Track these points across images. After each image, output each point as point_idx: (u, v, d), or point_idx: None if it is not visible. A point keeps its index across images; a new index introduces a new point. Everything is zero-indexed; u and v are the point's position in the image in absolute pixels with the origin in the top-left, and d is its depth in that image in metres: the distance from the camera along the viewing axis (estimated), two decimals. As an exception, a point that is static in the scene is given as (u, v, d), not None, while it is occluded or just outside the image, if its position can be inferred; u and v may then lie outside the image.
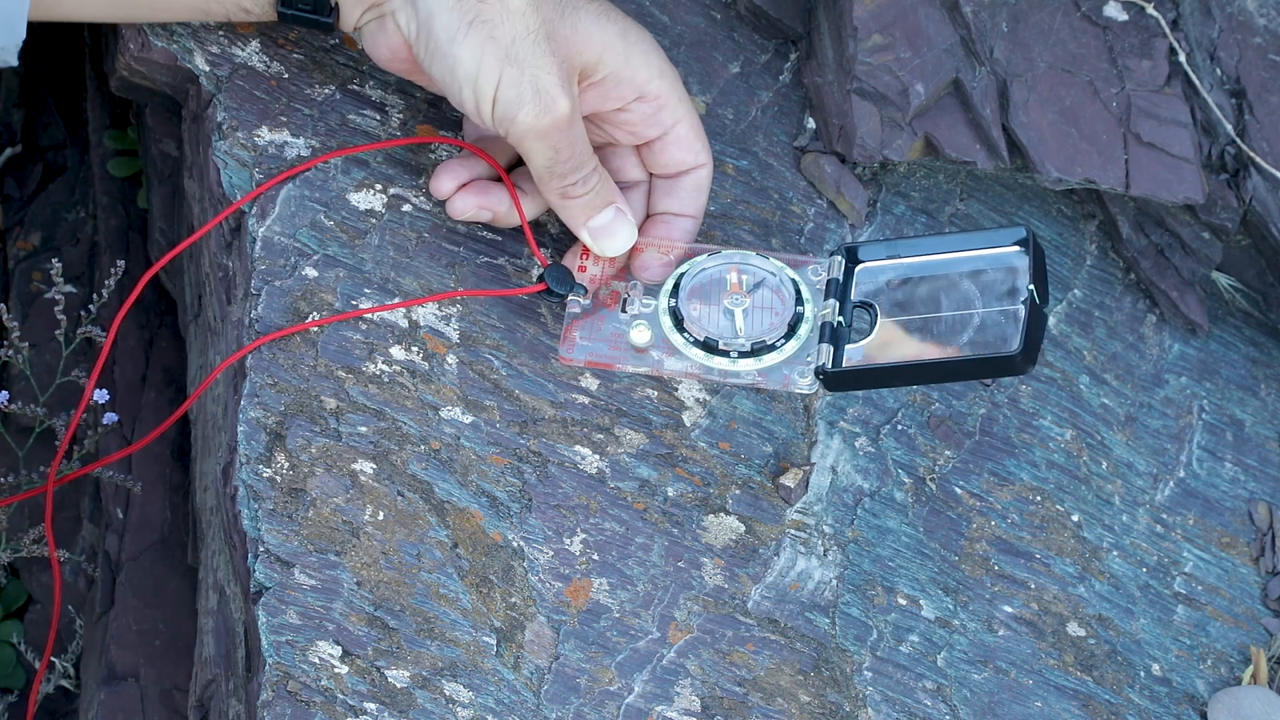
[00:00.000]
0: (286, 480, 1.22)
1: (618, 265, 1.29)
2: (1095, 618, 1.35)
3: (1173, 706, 1.34)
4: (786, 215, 1.39)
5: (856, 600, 1.30)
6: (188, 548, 1.47)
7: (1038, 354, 1.19)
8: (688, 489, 1.29)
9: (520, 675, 1.22)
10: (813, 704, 1.26)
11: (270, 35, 1.34)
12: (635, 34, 1.26)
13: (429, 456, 1.25)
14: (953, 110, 1.41)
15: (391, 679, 1.19)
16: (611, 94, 1.26)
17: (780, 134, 1.42)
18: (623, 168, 1.31)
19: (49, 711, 1.52)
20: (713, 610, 1.27)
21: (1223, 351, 1.49)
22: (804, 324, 1.23)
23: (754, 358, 1.23)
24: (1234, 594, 1.40)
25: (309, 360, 1.26)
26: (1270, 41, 1.47)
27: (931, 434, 1.36)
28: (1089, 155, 1.41)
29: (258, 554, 1.20)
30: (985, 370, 1.21)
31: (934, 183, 1.45)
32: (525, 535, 1.25)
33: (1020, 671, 1.31)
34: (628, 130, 1.29)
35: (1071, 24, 1.44)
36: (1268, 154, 1.44)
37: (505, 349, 1.29)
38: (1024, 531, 1.35)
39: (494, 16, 1.21)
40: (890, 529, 1.32)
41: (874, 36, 1.39)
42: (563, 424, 1.28)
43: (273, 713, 1.17)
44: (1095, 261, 1.48)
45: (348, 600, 1.20)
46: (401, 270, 1.29)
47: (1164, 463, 1.43)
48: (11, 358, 1.50)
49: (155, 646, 1.45)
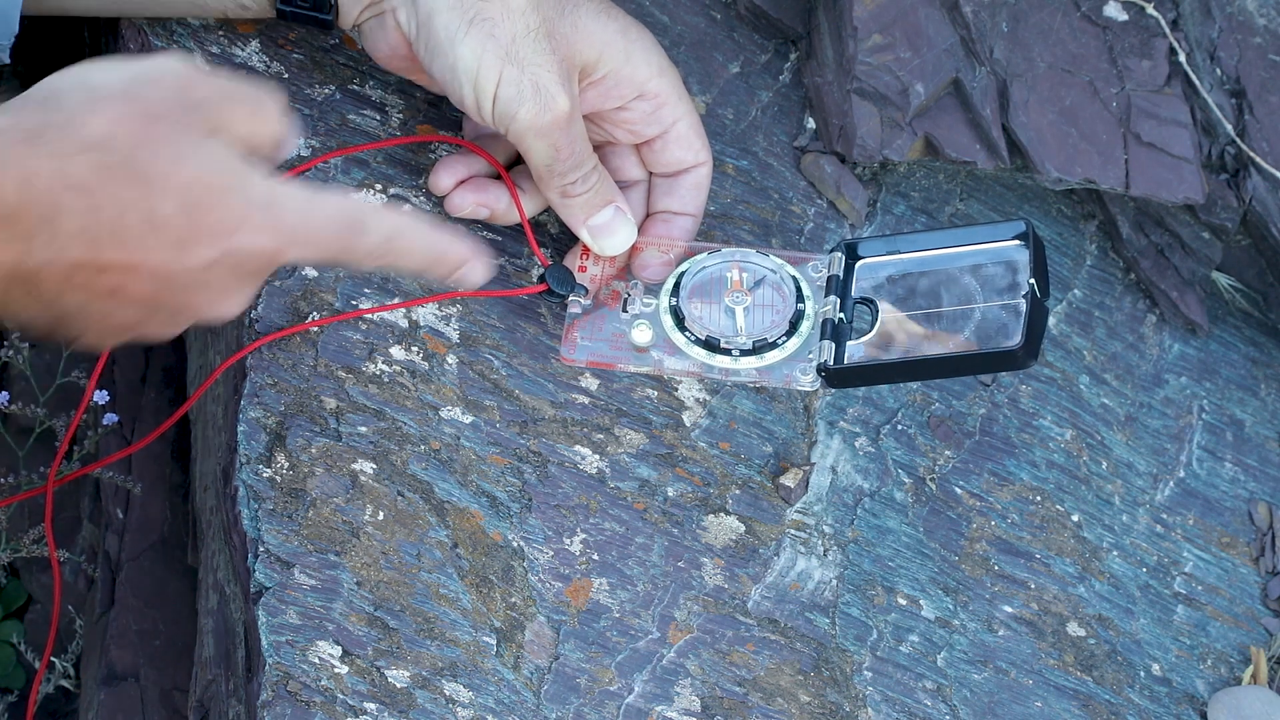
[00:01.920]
0: (286, 480, 1.22)
1: (618, 265, 1.29)
2: (1095, 618, 1.35)
3: (1173, 706, 1.34)
4: (786, 215, 1.39)
5: (856, 600, 1.30)
6: (188, 548, 1.47)
7: (1039, 348, 1.19)
8: (688, 489, 1.29)
9: (520, 675, 1.21)
10: (813, 704, 1.26)
11: (270, 35, 1.34)
12: (635, 32, 1.26)
13: (429, 456, 1.25)
14: (953, 110, 1.41)
15: (391, 679, 1.19)
16: (611, 92, 1.26)
17: (780, 134, 1.42)
18: (622, 166, 1.31)
19: (49, 711, 1.52)
20: (713, 610, 1.26)
21: (1223, 351, 1.49)
22: (805, 321, 1.23)
23: (755, 355, 1.23)
24: (1234, 594, 1.40)
25: (309, 360, 1.26)
26: (1270, 41, 1.47)
27: (931, 434, 1.36)
28: (1089, 155, 1.41)
29: (258, 554, 1.20)
30: (987, 365, 1.21)
31: (934, 183, 1.45)
32: (525, 535, 1.25)
33: (1020, 671, 1.31)
34: (627, 129, 1.29)
35: (1071, 24, 1.44)
36: (1268, 154, 1.44)
37: (505, 349, 1.29)
38: (1024, 531, 1.35)
39: (494, 14, 1.21)
40: (890, 529, 1.32)
41: (874, 36, 1.39)
42: (563, 424, 1.28)
43: (273, 713, 1.17)
44: (1095, 261, 1.48)
45: (348, 600, 1.20)
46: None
47: (1164, 463, 1.43)
48: (11, 358, 1.50)
49: (155, 646, 1.45)
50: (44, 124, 1.01)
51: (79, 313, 1.04)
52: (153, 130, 1.02)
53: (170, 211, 1.02)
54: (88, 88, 1.03)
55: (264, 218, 1.04)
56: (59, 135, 1.01)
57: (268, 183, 1.05)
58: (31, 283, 1.02)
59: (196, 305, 1.06)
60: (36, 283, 1.02)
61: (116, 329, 1.06)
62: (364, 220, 1.08)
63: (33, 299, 1.03)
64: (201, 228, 1.03)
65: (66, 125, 1.01)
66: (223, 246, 1.04)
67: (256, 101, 1.07)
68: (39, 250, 1.01)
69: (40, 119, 1.01)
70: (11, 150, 1.00)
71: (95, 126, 1.01)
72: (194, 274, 1.04)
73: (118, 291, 1.04)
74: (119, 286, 1.03)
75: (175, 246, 1.03)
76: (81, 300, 1.03)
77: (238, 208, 1.04)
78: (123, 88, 1.03)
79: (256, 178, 1.05)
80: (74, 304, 1.03)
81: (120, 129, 1.02)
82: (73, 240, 1.01)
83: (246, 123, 1.06)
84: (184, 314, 1.07)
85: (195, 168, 1.03)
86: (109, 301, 1.04)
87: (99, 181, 1.01)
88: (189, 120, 1.04)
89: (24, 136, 1.00)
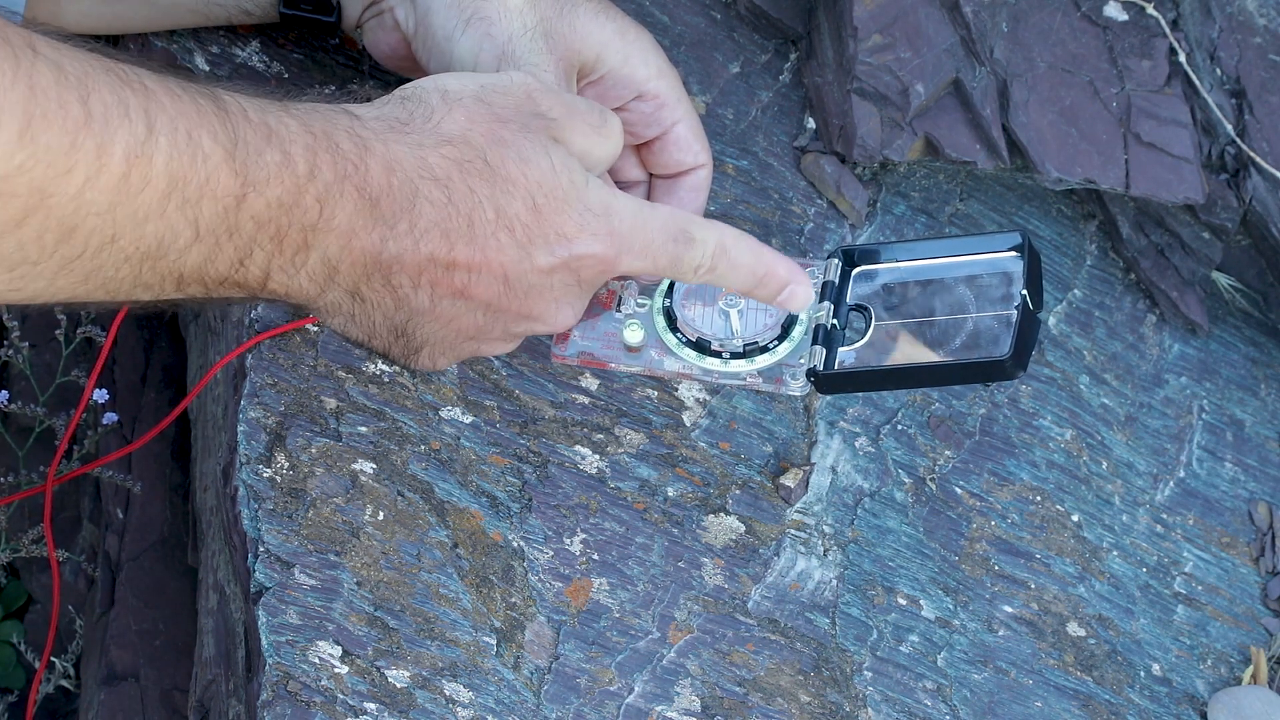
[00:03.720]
0: (286, 480, 1.22)
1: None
2: (1095, 618, 1.35)
3: (1173, 706, 1.34)
4: (786, 215, 1.39)
5: (856, 600, 1.30)
6: (188, 548, 1.47)
7: (1029, 359, 1.20)
8: (688, 489, 1.29)
9: (520, 675, 1.22)
10: (813, 704, 1.26)
11: (270, 35, 1.34)
12: (634, 33, 1.26)
13: (429, 456, 1.25)
14: (953, 110, 1.41)
15: (391, 679, 1.19)
16: (610, 93, 1.26)
17: (780, 134, 1.42)
18: (622, 167, 1.31)
19: (49, 711, 1.53)
20: (713, 610, 1.27)
21: (1223, 351, 1.49)
22: (798, 326, 1.23)
23: (746, 359, 1.23)
24: (1234, 594, 1.40)
25: (309, 360, 1.26)
26: (1270, 41, 1.47)
27: (931, 434, 1.36)
28: (1089, 155, 1.41)
29: (258, 554, 1.20)
30: (976, 375, 1.21)
31: (934, 183, 1.45)
32: (525, 535, 1.25)
33: (1020, 671, 1.31)
34: (627, 130, 1.29)
35: (1071, 24, 1.44)
36: (1268, 154, 1.44)
37: (505, 349, 1.29)
38: (1024, 531, 1.35)
39: (491, 14, 1.21)
40: (890, 529, 1.32)
41: (874, 36, 1.39)
42: (563, 424, 1.28)
43: (273, 713, 1.17)
44: (1095, 261, 1.48)
45: (348, 600, 1.20)
46: (401, 270, 1.29)
47: (1164, 463, 1.43)
48: (11, 358, 1.50)
49: (155, 646, 1.45)
50: (408, 117, 1.08)
51: (426, 313, 1.09)
52: (503, 132, 1.08)
53: (518, 211, 1.08)
54: (444, 90, 1.10)
55: (602, 225, 1.10)
56: (421, 128, 1.07)
57: (605, 191, 1.11)
58: (388, 273, 1.07)
59: (535, 312, 1.11)
60: (392, 274, 1.07)
61: (457, 337, 1.12)
62: (692, 232, 1.13)
63: (387, 291, 1.08)
64: (547, 229, 1.09)
65: (427, 121, 1.08)
66: (565, 252, 1.09)
67: (599, 116, 1.13)
68: (399, 238, 1.06)
69: (405, 113, 1.08)
70: (380, 139, 1.06)
71: (453, 124, 1.08)
72: (537, 277, 1.10)
73: (465, 291, 1.09)
74: (466, 286, 1.09)
75: (521, 246, 1.08)
76: (430, 298, 1.09)
77: (579, 213, 1.09)
78: (475, 91, 1.10)
79: (595, 186, 1.11)
80: (423, 302, 1.09)
81: (475, 128, 1.08)
82: (429, 231, 1.07)
83: (586, 136, 1.12)
84: (523, 322, 1.12)
85: (541, 171, 1.08)
86: (456, 302, 1.09)
87: (457, 175, 1.07)
88: (535, 125, 1.10)
89: (391, 126, 1.07)
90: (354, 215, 1.05)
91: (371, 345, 1.13)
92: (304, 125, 1.04)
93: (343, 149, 1.05)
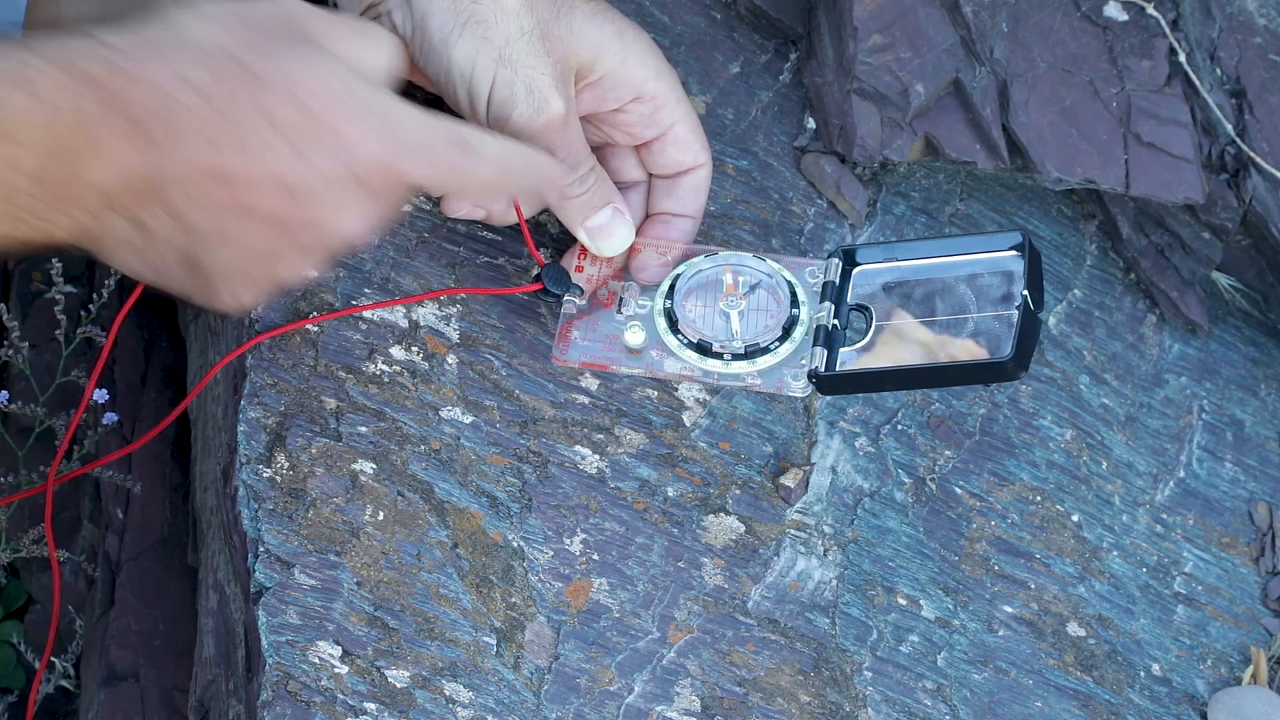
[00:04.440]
0: (286, 480, 1.22)
1: (616, 265, 1.29)
2: (1095, 618, 1.35)
3: (1173, 706, 1.34)
4: (786, 215, 1.39)
5: (856, 600, 1.30)
6: (188, 548, 1.47)
7: (1030, 360, 1.20)
8: (688, 489, 1.29)
9: (520, 675, 1.22)
10: (813, 704, 1.26)
11: (270, 35, 1.34)
12: (632, 34, 1.26)
13: (429, 456, 1.25)
14: (953, 110, 1.41)
15: (391, 679, 1.19)
16: (608, 95, 1.26)
17: (780, 134, 1.42)
18: (622, 168, 1.31)
19: (49, 711, 1.52)
20: (713, 610, 1.27)
21: (1223, 351, 1.49)
22: (799, 327, 1.23)
23: (747, 360, 1.23)
24: (1234, 594, 1.40)
25: (309, 360, 1.26)
26: (1270, 41, 1.47)
27: (931, 434, 1.36)
28: (1089, 155, 1.41)
29: (258, 554, 1.20)
30: (977, 376, 1.21)
31: (934, 183, 1.45)
32: (525, 535, 1.25)
33: (1020, 671, 1.31)
34: (625, 131, 1.29)
35: (1071, 24, 1.44)
36: (1268, 154, 1.44)
37: (505, 349, 1.29)
38: (1024, 531, 1.35)
39: (488, 17, 1.21)
40: (890, 529, 1.32)
41: (874, 36, 1.39)
42: (563, 424, 1.28)
43: (273, 713, 1.17)
44: (1095, 261, 1.48)
45: (348, 600, 1.20)
46: (401, 270, 1.29)
47: (1164, 463, 1.43)
48: (11, 358, 1.50)
49: (155, 646, 1.45)
50: (162, 38, 1.05)
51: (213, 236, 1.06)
52: (263, 42, 1.06)
53: (288, 115, 1.05)
54: (200, 12, 1.07)
55: (380, 126, 1.07)
56: (178, 46, 1.05)
57: (384, 95, 1.08)
58: (166, 197, 1.05)
59: (324, 220, 1.08)
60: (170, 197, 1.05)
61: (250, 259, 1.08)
62: (474, 143, 1.12)
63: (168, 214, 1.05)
64: (320, 132, 1.06)
65: (184, 38, 1.05)
66: (345, 155, 1.06)
67: (364, 25, 1.11)
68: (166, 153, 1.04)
69: (158, 33, 1.05)
70: (133, 61, 1.03)
71: (212, 39, 1.05)
72: (319, 184, 1.06)
73: (245, 204, 1.06)
74: (247, 202, 1.06)
75: (295, 151, 1.05)
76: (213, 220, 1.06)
77: (356, 116, 1.07)
78: (234, 11, 1.07)
79: (373, 90, 1.08)
80: (206, 222, 1.06)
81: (234, 41, 1.05)
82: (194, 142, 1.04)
83: (358, 50, 1.10)
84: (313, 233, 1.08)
85: (311, 77, 1.06)
86: (242, 223, 1.06)
87: (217, 84, 1.04)
88: (297, 37, 1.07)
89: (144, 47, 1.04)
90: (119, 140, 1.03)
91: (169, 285, 1.09)
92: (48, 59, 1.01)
93: (97, 78, 1.02)
